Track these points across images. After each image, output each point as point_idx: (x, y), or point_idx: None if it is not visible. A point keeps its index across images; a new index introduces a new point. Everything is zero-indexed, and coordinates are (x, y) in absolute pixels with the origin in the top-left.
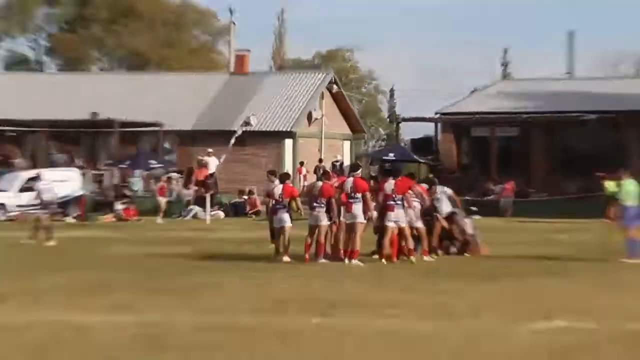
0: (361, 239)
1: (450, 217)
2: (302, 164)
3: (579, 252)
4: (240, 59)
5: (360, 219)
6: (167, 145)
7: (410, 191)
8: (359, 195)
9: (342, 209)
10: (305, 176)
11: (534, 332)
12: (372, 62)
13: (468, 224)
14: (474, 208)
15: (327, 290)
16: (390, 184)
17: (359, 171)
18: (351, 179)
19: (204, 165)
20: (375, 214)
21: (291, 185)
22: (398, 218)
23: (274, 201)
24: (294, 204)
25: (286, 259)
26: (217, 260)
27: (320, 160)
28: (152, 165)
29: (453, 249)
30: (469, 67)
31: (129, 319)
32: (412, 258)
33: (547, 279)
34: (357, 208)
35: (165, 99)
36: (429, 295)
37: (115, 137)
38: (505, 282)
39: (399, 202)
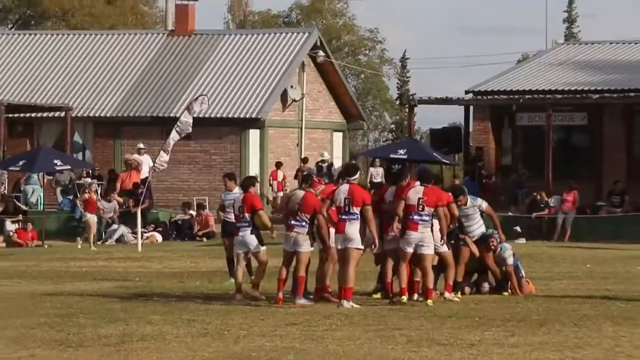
0: (356, 271)
1: (483, 241)
2: (278, 165)
3: None
4: (183, 12)
5: (357, 243)
6: (77, 138)
7: (444, 205)
8: (356, 210)
9: (332, 229)
10: (281, 183)
11: None
12: (375, 18)
13: (509, 250)
14: (517, 228)
15: (306, 342)
16: (417, 192)
17: (357, 175)
18: (346, 186)
19: (134, 167)
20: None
21: (255, 193)
22: (423, 241)
23: (233, 217)
24: (257, 221)
25: (255, 293)
26: (153, 301)
27: (305, 160)
28: (56, 167)
29: (486, 286)
30: (516, 25)
31: None
32: (430, 301)
33: (614, 327)
34: (353, 228)
35: (75, 71)
36: (448, 350)
37: (1, 127)
38: (557, 332)
39: (426, 218)
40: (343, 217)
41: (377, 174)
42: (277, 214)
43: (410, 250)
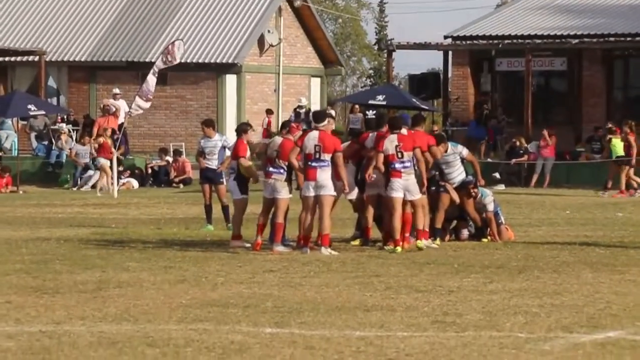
0: (333, 218)
1: (463, 188)
2: (269, 112)
3: None
4: None
5: (329, 190)
6: (52, 82)
7: (421, 148)
8: (327, 157)
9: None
10: (265, 130)
11: (573, 346)
12: None
13: (489, 197)
14: (496, 175)
15: (284, 289)
16: (391, 141)
17: (325, 122)
18: (315, 133)
19: (111, 113)
20: (356, 188)
21: (248, 141)
22: (407, 189)
23: (213, 163)
24: (241, 168)
25: (236, 243)
26: (130, 248)
27: (298, 109)
28: (30, 112)
29: (465, 232)
30: None
31: (2, 330)
32: (420, 242)
33: (593, 274)
34: (324, 175)
35: (49, 14)
36: (427, 296)
37: None
38: (536, 279)
39: (408, 164)
40: (313, 164)
41: (357, 120)
42: (255, 162)
43: (398, 194)
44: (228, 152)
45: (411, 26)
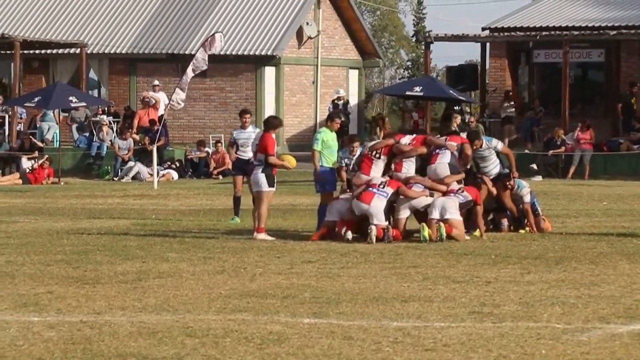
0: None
1: (500, 180)
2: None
3: None
4: None
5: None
6: (93, 74)
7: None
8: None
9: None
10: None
11: (610, 337)
12: None
13: (526, 188)
14: (534, 166)
15: (322, 280)
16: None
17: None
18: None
19: (151, 105)
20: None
21: (273, 136)
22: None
23: (245, 154)
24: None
25: (262, 236)
26: (170, 239)
27: (336, 100)
28: (72, 104)
29: (505, 222)
30: None
31: (44, 320)
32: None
33: (630, 264)
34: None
35: (90, 7)
36: (464, 287)
37: (17, 63)
38: (573, 270)
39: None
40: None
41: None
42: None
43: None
44: None
45: (449, 18)
